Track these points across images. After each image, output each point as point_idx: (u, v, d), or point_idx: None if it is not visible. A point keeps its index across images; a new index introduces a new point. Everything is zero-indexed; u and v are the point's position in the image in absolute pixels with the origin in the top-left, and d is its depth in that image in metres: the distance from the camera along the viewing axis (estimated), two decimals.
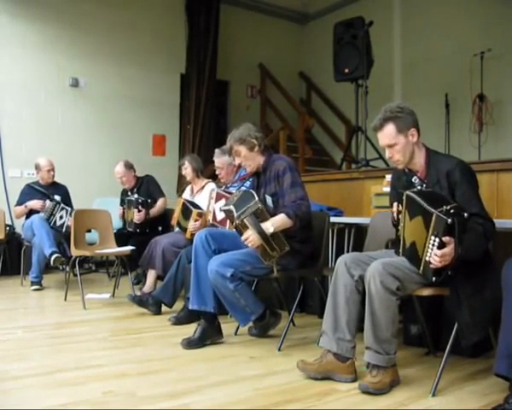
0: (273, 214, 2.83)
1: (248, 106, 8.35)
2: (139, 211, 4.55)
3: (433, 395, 2.23)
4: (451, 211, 2.07)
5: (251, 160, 3.06)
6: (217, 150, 4.11)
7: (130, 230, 4.67)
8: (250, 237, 2.74)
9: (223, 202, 3.59)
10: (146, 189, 4.87)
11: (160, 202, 4.80)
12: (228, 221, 3.48)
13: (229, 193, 3.67)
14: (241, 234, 2.85)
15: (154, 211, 4.72)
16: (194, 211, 3.95)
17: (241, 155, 3.04)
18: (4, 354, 2.82)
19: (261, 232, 2.73)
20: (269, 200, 2.98)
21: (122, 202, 4.90)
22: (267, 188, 3.03)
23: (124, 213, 4.79)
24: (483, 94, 6.14)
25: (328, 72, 6.11)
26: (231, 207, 2.83)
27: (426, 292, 2.32)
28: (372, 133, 5.36)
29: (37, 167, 5.28)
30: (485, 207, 2.33)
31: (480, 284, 2.26)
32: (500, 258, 2.27)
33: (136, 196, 4.68)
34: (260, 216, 2.75)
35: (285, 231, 2.81)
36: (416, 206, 2.21)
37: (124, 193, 5.01)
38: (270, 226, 2.75)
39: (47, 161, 5.29)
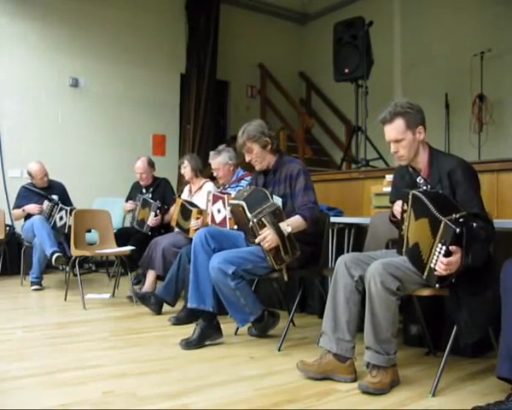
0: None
1: (248, 106, 8.35)
2: (156, 215, 4.56)
3: (433, 395, 2.23)
4: (460, 220, 2.06)
5: (262, 158, 3.07)
6: (211, 153, 4.12)
7: (139, 229, 4.66)
8: (268, 236, 2.69)
9: (220, 203, 3.58)
10: (162, 192, 4.87)
11: (173, 209, 4.78)
12: (228, 221, 3.48)
13: (227, 194, 3.66)
14: (247, 233, 2.82)
15: (168, 217, 4.72)
16: (194, 210, 3.96)
17: (253, 152, 3.05)
18: (4, 354, 2.82)
19: (279, 232, 2.70)
20: (278, 200, 2.96)
21: (133, 197, 4.90)
22: (276, 188, 3.03)
23: (136, 208, 4.76)
24: (483, 94, 6.14)
25: (328, 72, 6.11)
26: (241, 203, 2.80)
27: (426, 292, 2.32)
28: (372, 133, 5.44)
29: (30, 175, 5.18)
30: (486, 207, 2.34)
31: (480, 285, 2.25)
32: (500, 258, 2.27)
33: (149, 195, 4.70)
34: (278, 217, 2.72)
35: (295, 234, 2.80)
36: (423, 208, 2.19)
37: (136, 187, 5.00)
38: (287, 226, 2.74)
39: (39, 168, 5.13)
